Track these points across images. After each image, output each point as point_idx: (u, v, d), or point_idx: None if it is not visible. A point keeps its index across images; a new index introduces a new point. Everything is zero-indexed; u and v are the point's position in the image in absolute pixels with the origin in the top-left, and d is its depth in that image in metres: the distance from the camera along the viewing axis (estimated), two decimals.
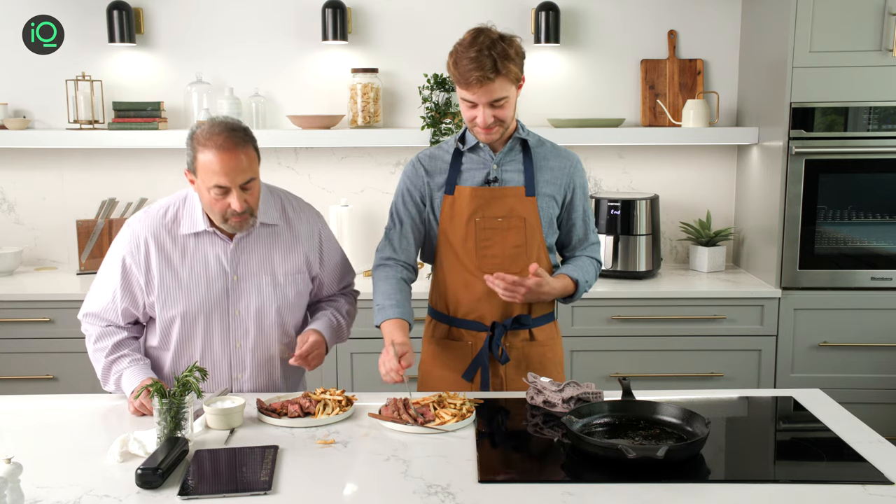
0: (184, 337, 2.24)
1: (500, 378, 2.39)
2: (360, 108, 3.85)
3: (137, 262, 2.20)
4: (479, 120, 2.24)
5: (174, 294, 2.20)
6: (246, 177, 2.09)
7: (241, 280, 2.24)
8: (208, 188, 2.09)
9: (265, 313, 2.26)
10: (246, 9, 3.91)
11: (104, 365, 2.21)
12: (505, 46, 2.20)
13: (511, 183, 2.35)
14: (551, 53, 3.95)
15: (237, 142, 2.07)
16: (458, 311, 2.39)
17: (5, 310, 3.50)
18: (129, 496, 1.66)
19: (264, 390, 2.32)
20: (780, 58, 3.45)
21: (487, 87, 2.18)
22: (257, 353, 2.28)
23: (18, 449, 1.87)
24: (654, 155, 4.01)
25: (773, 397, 2.27)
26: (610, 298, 3.53)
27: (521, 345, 2.40)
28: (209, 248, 2.22)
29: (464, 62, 2.18)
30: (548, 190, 2.36)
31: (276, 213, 2.28)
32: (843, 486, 1.69)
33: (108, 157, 3.97)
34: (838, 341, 3.54)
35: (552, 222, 2.39)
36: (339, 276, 2.43)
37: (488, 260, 2.34)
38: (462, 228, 2.34)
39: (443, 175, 2.38)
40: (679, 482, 1.71)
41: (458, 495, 1.66)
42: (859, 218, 3.52)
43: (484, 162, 2.36)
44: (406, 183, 2.42)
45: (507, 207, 2.33)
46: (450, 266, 2.39)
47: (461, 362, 2.39)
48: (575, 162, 2.42)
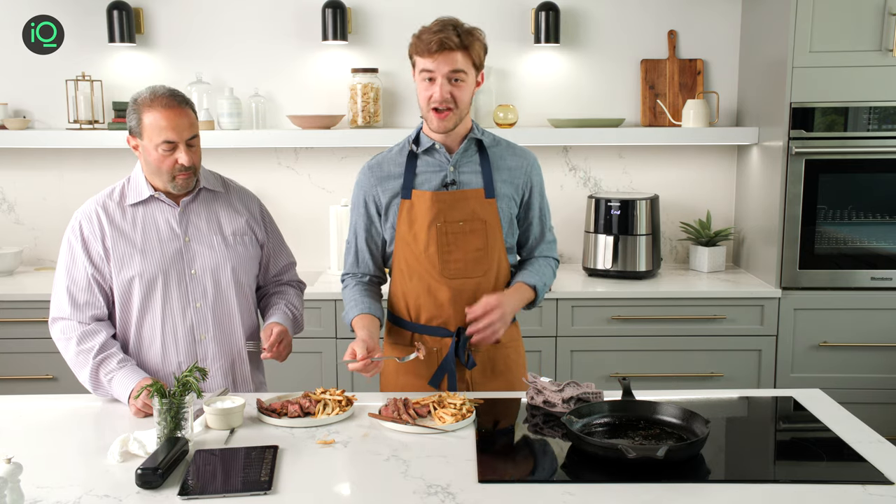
0: (144, 301, 2.28)
1: (467, 382, 2.37)
2: (360, 108, 3.85)
3: (93, 232, 2.27)
4: (435, 95, 2.21)
5: (129, 256, 2.27)
6: (191, 132, 2.23)
7: (193, 241, 2.32)
8: (156, 145, 2.20)
9: (220, 271, 2.33)
10: (246, 9, 3.91)
11: (91, 367, 2.20)
12: (470, 29, 2.23)
13: (469, 185, 2.32)
14: (551, 53, 3.95)
15: (179, 101, 2.23)
16: (421, 318, 2.36)
17: (5, 310, 3.50)
18: (129, 496, 1.66)
19: (228, 353, 2.35)
20: (780, 58, 3.45)
21: (447, 55, 2.18)
22: (217, 312, 2.33)
23: (18, 449, 1.87)
24: (653, 155, 4.01)
25: (773, 397, 2.27)
26: (610, 298, 3.53)
27: (486, 348, 2.37)
28: (158, 215, 2.31)
29: (426, 34, 2.19)
30: (506, 190, 2.35)
31: (217, 183, 2.41)
32: (843, 486, 1.69)
33: (108, 157, 3.97)
34: (838, 341, 3.54)
35: (512, 223, 2.38)
36: (285, 250, 2.52)
37: (451, 265, 2.31)
38: (423, 234, 2.30)
39: (394, 180, 2.34)
40: (679, 482, 1.70)
41: (458, 495, 1.66)
42: (859, 218, 3.52)
43: (440, 164, 2.33)
44: (357, 193, 2.41)
45: (467, 211, 2.31)
46: (410, 272, 2.35)
47: (426, 368, 2.36)
48: (532, 161, 2.40)
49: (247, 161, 3.95)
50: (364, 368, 2.13)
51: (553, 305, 3.51)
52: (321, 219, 3.99)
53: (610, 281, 3.71)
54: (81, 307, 2.26)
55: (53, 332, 2.29)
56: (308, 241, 3.94)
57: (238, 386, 2.39)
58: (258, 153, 3.98)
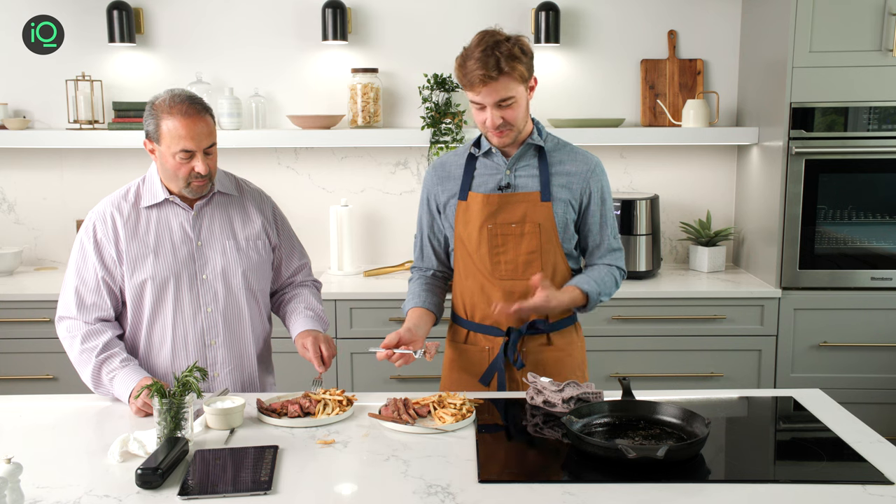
0: (155, 304, 2.28)
1: (517, 383, 2.39)
2: (360, 108, 3.85)
3: (107, 234, 2.26)
4: (487, 122, 2.24)
5: (142, 259, 2.26)
6: (210, 141, 2.22)
7: (205, 245, 2.31)
8: (174, 153, 2.19)
9: (231, 275, 2.32)
10: (246, 9, 3.91)
11: (94, 365, 2.20)
12: (510, 46, 2.19)
13: (525, 188, 2.34)
14: (551, 53, 3.95)
15: (199, 109, 2.20)
16: (475, 316, 2.41)
17: (5, 310, 3.50)
18: (129, 496, 1.66)
19: (238, 358, 2.35)
20: (780, 58, 3.45)
21: (491, 86, 2.18)
22: (228, 317, 2.33)
23: (18, 449, 1.87)
24: (654, 155, 4.01)
25: (773, 397, 2.27)
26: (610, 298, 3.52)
27: (537, 349, 2.39)
28: (172, 217, 2.30)
29: (469, 63, 2.18)
30: (563, 195, 2.34)
31: (231, 186, 2.40)
32: (843, 486, 1.69)
33: (108, 157, 3.98)
34: (838, 341, 3.54)
35: (568, 227, 2.36)
36: (297, 251, 2.51)
37: (502, 266, 2.34)
38: (475, 234, 2.34)
39: (454, 181, 2.39)
40: (679, 482, 1.71)
41: (458, 495, 1.66)
42: (859, 218, 3.52)
43: (497, 167, 2.36)
44: (424, 191, 2.48)
45: (520, 213, 2.32)
46: (466, 272, 2.40)
47: (478, 366, 2.41)
48: (593, 166, 2.38)
49: (247, 161, 3.95)
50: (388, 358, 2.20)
51: None
52: (321, 219, 3.99)
53: None
54: (88, 308, 2.26)
55: (59, 330, 2.29)
56: (308, 242, 3.89)
57: (247, 390, 2.39)
58: (258, 153, 3.98)
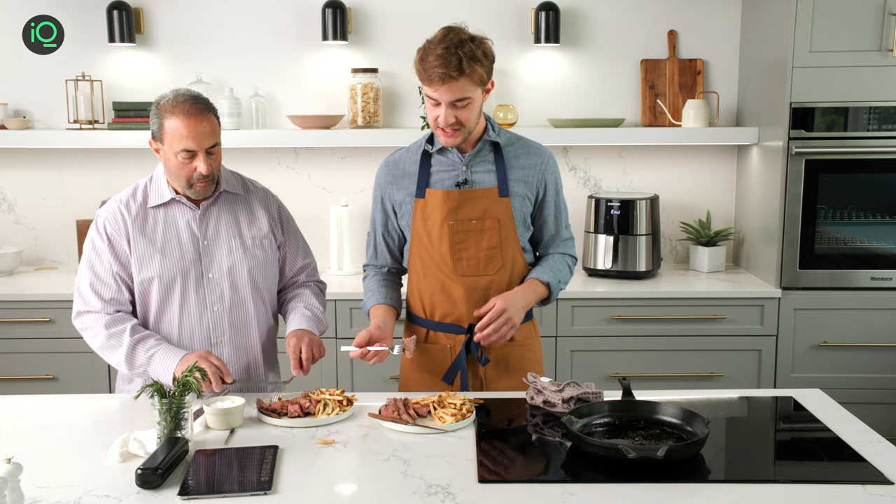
0: (161, 303, 2.28)
1: (480, 380, 2.39)
2: (360, 108, 3.85)
3: (118, 230, 2.27)
4: (440, 119, 2.22)
5: (150, 257, 2.27)
6: (212, 141, 2.20)
7: (212, 244, 2.32)
8: (176, 153, 2.18)
9: (237, 274, 2.32)
10: (246, 9, 3.91)
11: (128, 345, 2.21)
12: (473, 47, 2.18)
13: (482, 184, 2.33)
14: (551, 53, 3.95)
15: (202, 108, 2.19)
16: (435, 315, 2.39)
17: (5, 310, 3.50)
18: (129, 496, 1.66)
19: (243, 357, 2.35)
20: (780, 58, 3.45)
21: (450, 85, 2.16)
22: (234, 316, 2.33)
23: (18, 449, 1.87)
24: (653, 155, 4.01)
25: (773, 397, 2.27)
26: (610, 298, 3.53)
27: (499, 345, 2.38)
28: (178, 216, 2.31)
29: (430, 59, 2.17)
30: (520, 189, 2.35)
31: (238, 185, 2.40)
32: (843, 486, 1.69)
33: (108, 157, 3.98)
34: (838, 341, 3.54)
35: (526, 221, 2.38)
36: (301, 251, 2.50)
37: (463, 262, 2.33)
38: (436, 232, 2.33)
39: (409, 179, 2.37)
40: (679, 482, 1.71)
41: (458, 495, 1.66)
42: (859, 218, 3.52)
43: (453, 164, 2.35)
44: (377, 189, 2.46)
45: (480, 209, 2.32)
46: (425, 270, 2.38)
47: (440, 365, 2.39)
48: (546, 158, 2.40)
49: (247, 161, 3.94)
50: (363, 357, 2.21)
51: (553, 305, 3.51)
52: (321, 219, 3.98)
53: (610, 281, 3.71)
54: (107, 302, 2.27)
55: (78, 324, 2.30)
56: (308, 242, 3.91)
57: (252, 389, 2.38)
58: (258, 153, 3.98)
